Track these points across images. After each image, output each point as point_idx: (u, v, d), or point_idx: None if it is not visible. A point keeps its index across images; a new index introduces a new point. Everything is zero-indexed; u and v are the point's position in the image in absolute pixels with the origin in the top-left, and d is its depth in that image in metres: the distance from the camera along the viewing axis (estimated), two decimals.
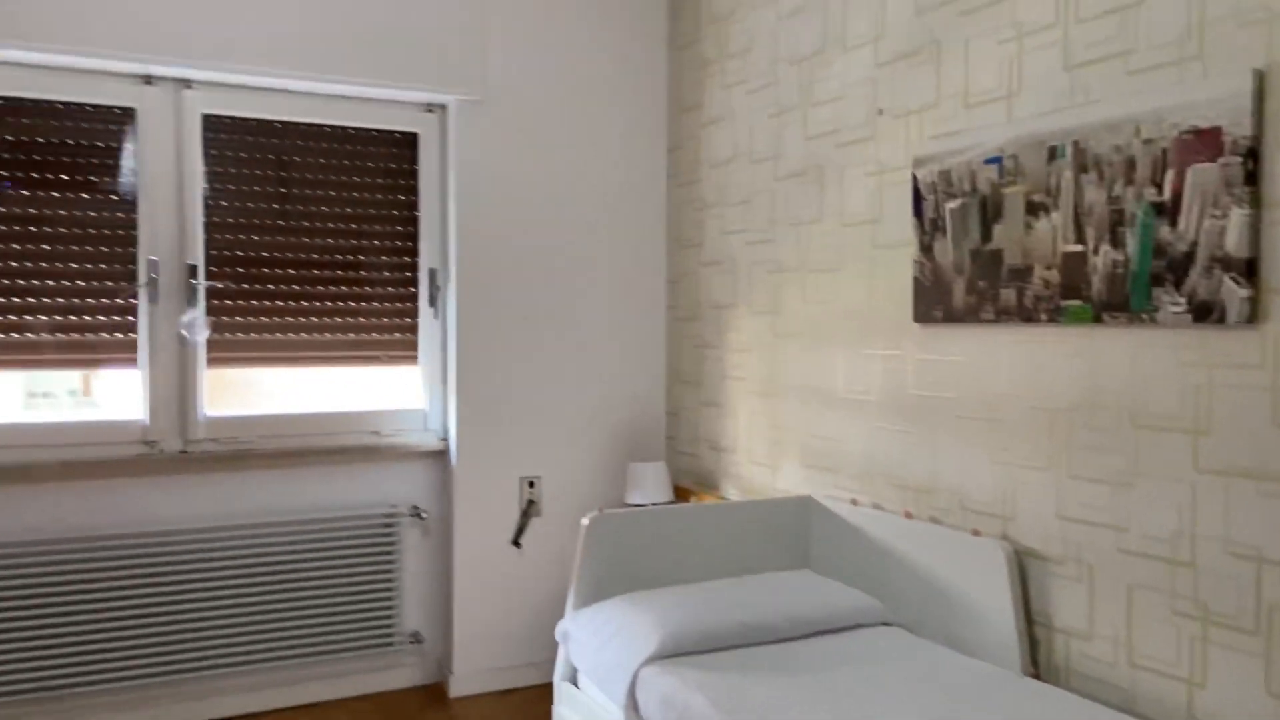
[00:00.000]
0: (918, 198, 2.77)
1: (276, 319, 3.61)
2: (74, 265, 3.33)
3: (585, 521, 2.89)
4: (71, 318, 3.33)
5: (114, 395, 3.47)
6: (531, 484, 3.89)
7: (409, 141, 3.78)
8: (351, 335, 3.72)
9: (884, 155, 2.94)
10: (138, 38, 3.22)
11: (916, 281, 2.79)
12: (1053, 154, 2.36)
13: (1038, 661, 2.45)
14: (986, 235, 2.56)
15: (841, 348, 3.12)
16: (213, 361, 3.53)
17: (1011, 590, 2.44)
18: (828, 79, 3.16)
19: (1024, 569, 2.48)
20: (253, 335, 3.58)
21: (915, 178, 2.78)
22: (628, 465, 3.88)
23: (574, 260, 3.94)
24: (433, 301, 3.82)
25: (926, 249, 2.75)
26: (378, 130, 3.73)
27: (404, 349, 3.81)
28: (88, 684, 3.27)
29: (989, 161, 2.54)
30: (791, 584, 2.89)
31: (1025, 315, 2.45)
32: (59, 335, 3.32)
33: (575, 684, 2.88)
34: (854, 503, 3.04)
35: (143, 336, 3.42)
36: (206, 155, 3.49)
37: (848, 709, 2.18)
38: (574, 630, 2.79)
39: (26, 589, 3.19)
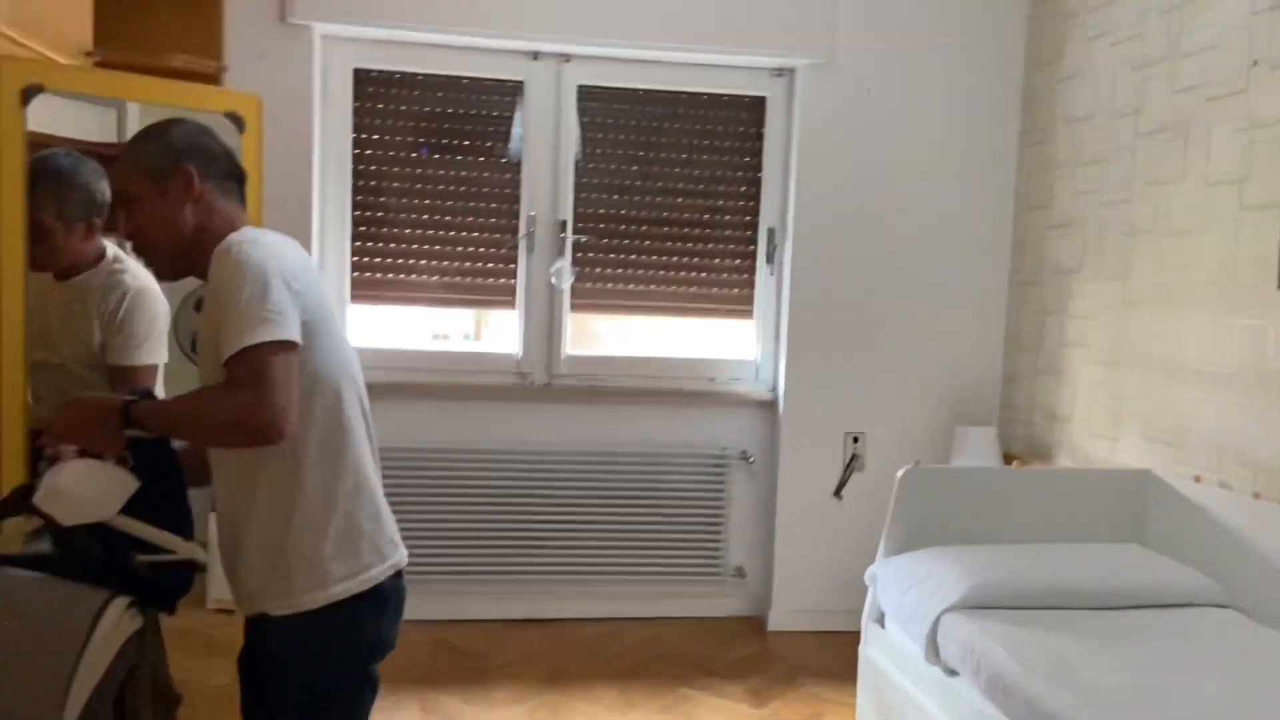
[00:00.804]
0: None
1: (629, 270, 3.99)
2: (469, 219, 3.90)
3: (900, 473, 2.97)
4: (465, 264, 3.91)
5: (495, 334, 4.04)
6: (856, 439, 4.00)
7: (757, 105, 3.99)
8: (693, 289, 4.02)
9: (1258, 109, 2.70)
10: (528, 19, 3.69)
11: None
12: None
13: None
14: None
15: (1196, 316, 2.92)
16: (574, 307, 3.98)
17: None
18: (1199, 28, 2.94)
19: None
20: (608, 285, 3.99)
21: None
22: (955, 428, 3.87)
23: (914, 221, 3.97)
24: (769, 259, 4.02)
25: None
26: (729, 95, 3.98)
27: (739, 303, 4.05)
28: (457, 573, 3.87)
29: None
30: (1117, 555, 2.79)
31: None
32: (456, 279, 3.91)
33: (882, 625, 2.98)
34: (1197, 480, 2.86)
35: (520, 282, 3.93)
36: (580, 121, 3.92)
37: (1156, 680, 2.12)
38: (882, 575, 2.89)
39: (419, 487, 3.83)
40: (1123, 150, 3.29)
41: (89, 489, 1.52)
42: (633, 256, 3.99)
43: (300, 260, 1.63)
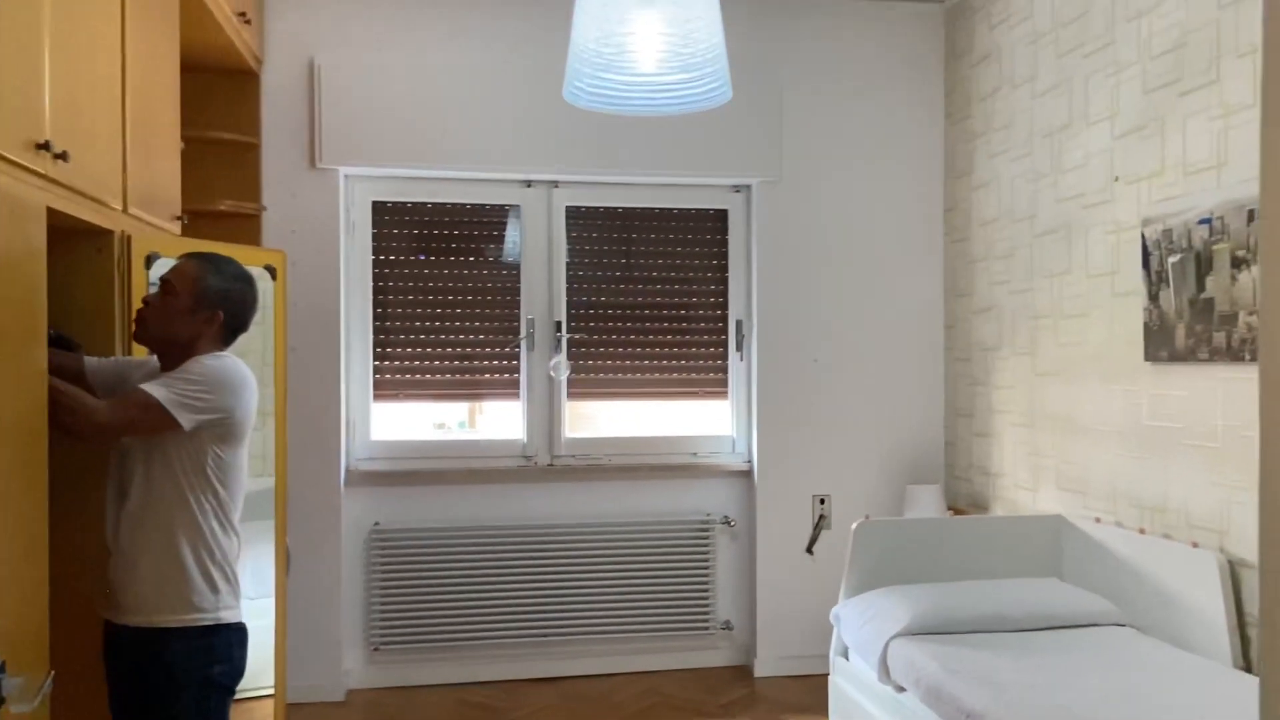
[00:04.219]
0: (1145, 253, 3.17)
1: (617, 361, 4.59)
2: (475, 324, 4.49)
3: (854, 526, 3.53)
4: (473, 362, 4.50)
5: (493, 423, 4.61)
6: (822, 501, 4.57)
7: (721, 216, 4.64)
8: (675, 375, 4.62)
9: (1120, 216, 3.35)
10: (521, 155, 4.34)
11: (1146, 326, 3.18)
12: (1252, 216, 2.73)
13: (1249, 657, 2.76)
14: (1201, 286, 2.93)
15: (1088, 384, 3.53)
16: (571, 395, 4.56)
17: (1224, 595, 2.78)
18: (1074, 149, 3.62)
19: (1237, 577, 2.81)
20: (600, 375, 4.58)
21: (1144, 235, 3.18)
22: (907, 487, 4.44)
23: (860, 308, 4.59)
24: (739, 346, 4.63)
25: (1154, 297, 3.14)
26: (696, 209, 4.63)
27: (715, 385, 4.65)
28: (468, 639, 4.37)
29: (1202, 222, 2.92)
30: (1036, 587, 3.35)
31: (1234, 355, 2.81)
32: (466, 376, 4.49)
33: (846, 658, 3.51)
34: (1097, 521, 3.43)
35: (523, 376, 4.51)
36: (568, 236, 4.55)
37: (1056, 677, 2.66)
38: (843, 613, 3.43)
39: (433, 564, 4.34)
40: (1023, 248, 3.94)
41: None
42: (620, 349, 4.59)
43: (244, 391, 2.26)
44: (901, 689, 3.01)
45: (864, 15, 4.58)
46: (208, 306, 2.26)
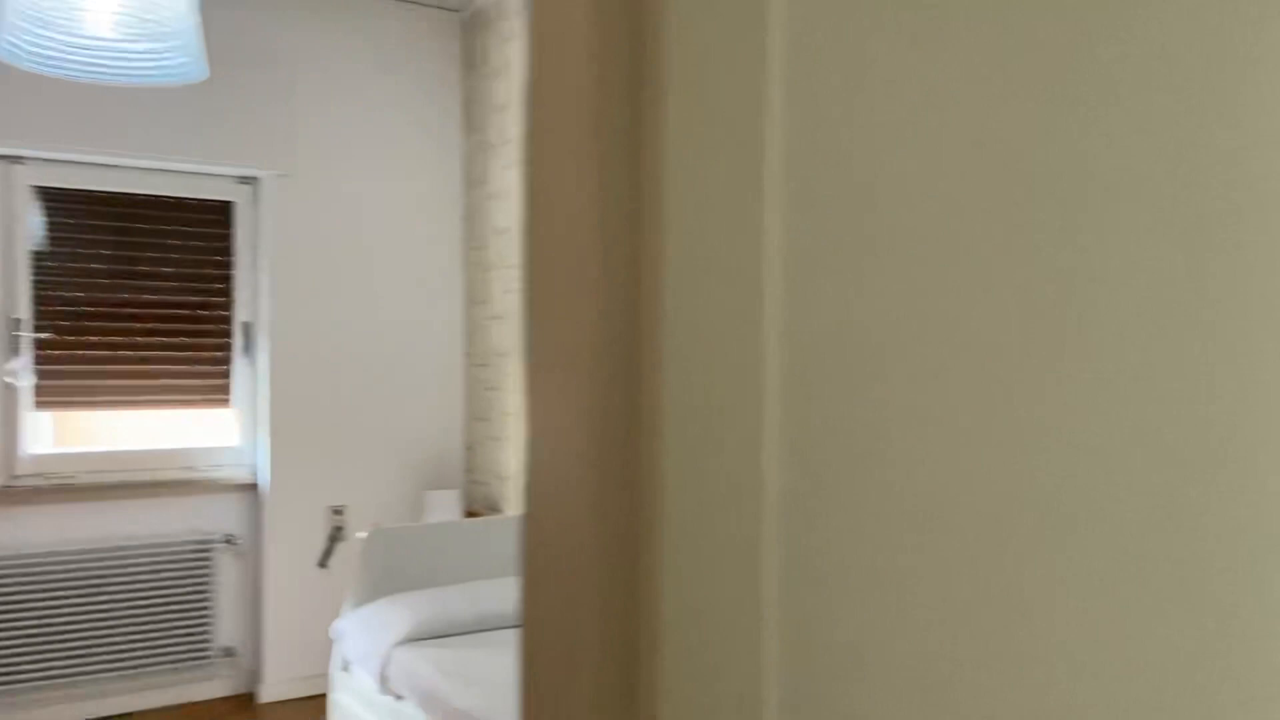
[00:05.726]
0: None
1: (101, 365, 4.05)
2: None
3: (362, 534, 3.43)
4: None
5: None
6: (338, 511, 4.40)
7: (225, 209, 4.30)
8: (170, 380, 4.18)
9: None
10: None
11: None
12: None
13: None
14: None
15: None
16: (42, 404, 3.94)
17: None
18: None
19: None
20: (78, 381, 4.01)
21: None
22: (424, 493, 4.43)
23: (381, 313, 4.50)
24: (247, 350, 4.32)
25: None
26: (197, 199, 4.24)
27: (219, 393, 4.29)
28: None
29: None
30: None
31: None
32: None
33: (349, 672, 3.39)
34: None
35: None
36: (44, 221, 3.93)
37: None
38: (346, 626, 3.32)
39: None
40: None
41: None
42: (104, 352, 4.06)
43: None
44: (400, 697, 2.97)
45: (383, 14, 4.50)
46: None
